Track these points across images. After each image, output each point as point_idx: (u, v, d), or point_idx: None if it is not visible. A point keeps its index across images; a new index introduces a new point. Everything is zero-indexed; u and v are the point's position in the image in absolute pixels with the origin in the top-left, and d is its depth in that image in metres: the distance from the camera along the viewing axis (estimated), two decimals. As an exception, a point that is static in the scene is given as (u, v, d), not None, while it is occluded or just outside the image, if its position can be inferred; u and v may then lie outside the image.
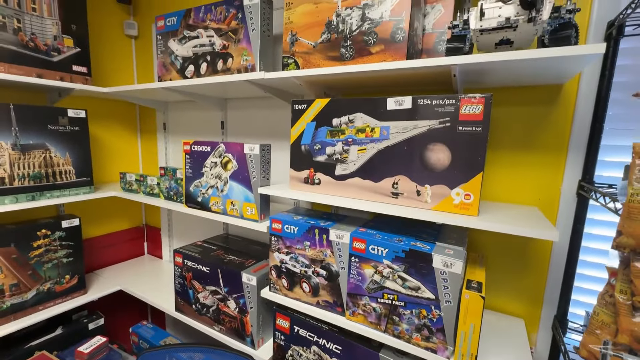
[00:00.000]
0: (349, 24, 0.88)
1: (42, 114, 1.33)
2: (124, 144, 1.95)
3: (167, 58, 1.36)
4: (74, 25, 1.39)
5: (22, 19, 1.24)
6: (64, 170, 1.42)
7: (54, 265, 1.44)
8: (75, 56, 1.41)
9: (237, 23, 1.16)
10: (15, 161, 1.27)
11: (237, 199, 1.17)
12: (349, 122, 0.93)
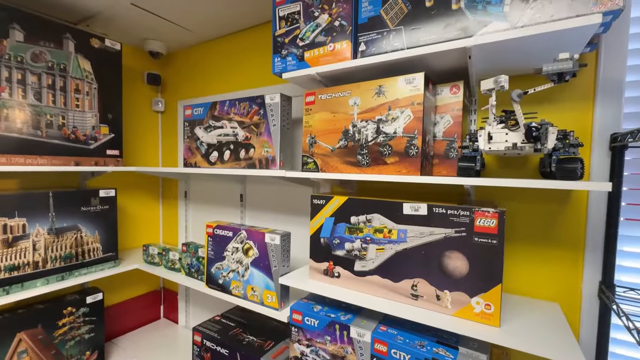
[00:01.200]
0: (364, 135, 0.95)
1: (77, 197, 1.43)
2: (145, 210, 2.04)
3: (193, 143, 1.47)
4: (110, 114, 1.53)
5: (67, 115, 1.38)
6: (92, 248, 1.49)
7: (76, 343, 1.47)
8: (110, 141, 1.53)
9: (259, 118, 1.26)
10: (50, 244, 1.35)
11: (258, 286, 1.20)
12: (366, 221, 0.98)
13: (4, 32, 1.20)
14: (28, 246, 1.28)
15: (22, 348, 1.31)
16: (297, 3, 1.05)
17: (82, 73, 1.42)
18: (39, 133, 1.30)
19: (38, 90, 1.30)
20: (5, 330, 1.26)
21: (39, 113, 1.30)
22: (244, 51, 1.66)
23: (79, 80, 1.41)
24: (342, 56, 0.98)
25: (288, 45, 1.08)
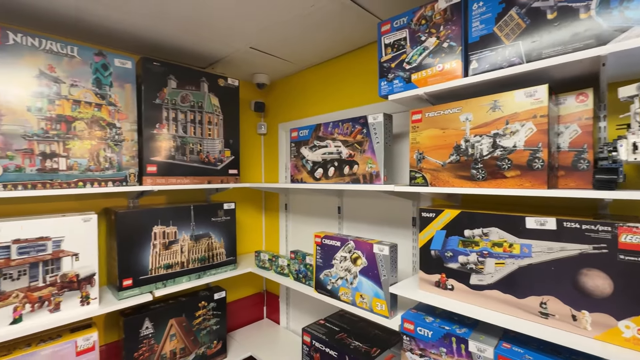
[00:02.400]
0: (479, 149, 0.97)
1: (208, 209, 1.72)
2: (251, 220, 2.32)
3: (299, 161, 1.65)
4: (231, 139, 1.82)
5: (202, 143, 1.70)
6: (219, 252, 1.77)
7: (207, 332, 1.75)
8: (231, 162, 1.82)
9: (362, 137, 1.37)
10: (191, 248, 1.65)
11: (367, 293, 1.28)
12: (483, 235, 0.98)
13: (164, 83, 1.56)
14: (178, 249, 1.60)
15: (173, 332, 1.62)
16: (403, 30, 1.13)
17: (212, 108, 1.73)
18: (185, 158, 1.63)
19: (184, 125, 1.63)
20: (162, 316, 1.58)
21: (184, 142, 1.63)
22: (340, 75, 1.81)
23: (211, 114, 1.73)
24: (451, 75, 1.02)
25: (394, 70, 1.17)
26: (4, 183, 1.15)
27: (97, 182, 1.36)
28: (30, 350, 1.21)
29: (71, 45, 1.29)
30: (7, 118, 1.16)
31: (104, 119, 1.38)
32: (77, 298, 1.30)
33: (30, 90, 1.20)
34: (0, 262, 1.13)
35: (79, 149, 1.31)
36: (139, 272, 1.47)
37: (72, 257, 1.29)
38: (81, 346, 1.31)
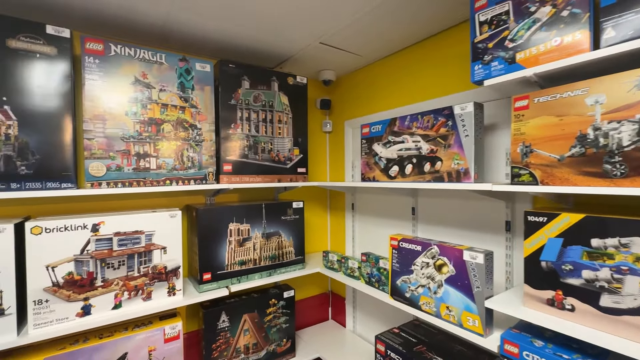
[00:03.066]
0: (615, 139, 0.77)
1: (278, 208, 1.73)
2: (316, 219, 2.30)
3: (371, 159, 1.56)
4: (300, 138, 1.81)
5: (273, 142, 1.71)
6: (288, 251, 1.77)
7: (277, 330, 1.76)
8: (300, 161, 1.80)
9: (447, 130, 1.23)
10: (263, 246, 1.67)
11: (455, 306, 1.14)
12: (620, 246, 0.78)
13: (238, 84, 1.60)
14: (251, 246, 1.63)
15: (246, 327, 1.65)
16: (505, 3, 0.97)
17: (282, 106, 1.74)
18: (257, 157, 1.66)
19: (256, 124, 1.66)
20: (237, 311, 1.63)
21: (257, 141, 1.66)
22: (415, 65, 1.67)
23: (280, 113, 1.73)
24: (574, 49, 0.84)
25: (493, 50, 1.01)
26: (107, 181, 1.27)
27: (182, 180, 1.44)
28: (128, 334, 1.32)
29: (160, 53, 1.38)
30: (110, 122, 1.28)
31: (187, 120, 1.45)
32: (165, 289, 1.39)
33: (127, 96, 1.31)
34: (105, 253, 1.25)
35: (166, 150, 1.40)
36: (216, 267, 1.53)
37: (161, 250, 1.38)
38: (168, 334, 1.40)
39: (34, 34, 1.13)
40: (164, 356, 1.39)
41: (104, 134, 1.26)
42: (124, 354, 1.30)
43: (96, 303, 1.23)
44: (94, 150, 1.24)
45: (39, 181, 1.14)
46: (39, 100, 1.14)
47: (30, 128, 1.12)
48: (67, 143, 1.19)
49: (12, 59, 1.09)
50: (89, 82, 1.23)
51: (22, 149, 1.11)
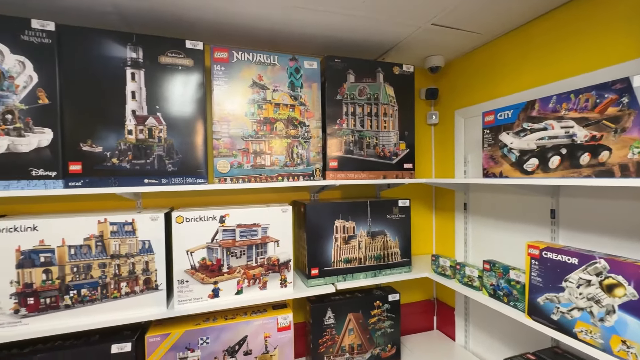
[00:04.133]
0: None
1: (384, 206, 1.64)
2: (420, 219, 2.12)
3: (496, 151, 1.34)
4: (406, 131, 1.68)
5: (378, 136, 1.63)
6: (394, 252, 1.66)
7: (382, 334, 1.68)
8: (406, 156, 1.68)
9: (620, 109, 0.94)
10: (367, 245, 1.61)
11: (637, 341, 0.86)
12: None
13: (344, 78, 1.57)
14: (356, 244, 1.59)
15: (351, 327, 1.62)
16: None
17: (388, 99, 1.64)
18: (362, 153, 1.60)
19: (361, 118, 1.60)
20: (342, 309, 1.61)
21: (362, 136, 1.60)
22: (555, 33, 1.36)
23: (386, 105, 1.64)
24: None
25: None
26: (231, 177, 1.39)
27: (292, 176, 1.48)
28: (247, 319, 1.43)
29: (273, 55, 1.44)
30: (233, 123, 1.39)
31: (296, 118, 1.49)
32: (278, 280, 1.45)
33: (246, 98, 1.41)
34: (229, 242, 1.37)
35: (279, 147, 1.46)
36: (323, 263, 1.53)
37: (275, 243, 1.44)
38: (281, 323, 1.46)
39: (177, 49, 1.30)
40: (277, 344, 1.45)
41: (229, 134, 1.38)
42: (245, 337, 1.41)
43: (223, 287, 1.36)
44: (220, 149, 1.37)
45: (180, 177, 1.31)
46: (180, 107, 1.31)
47: (174, 131, 1.30)
48: (200, 143, 1.34)
49: (162, 73, 1.28)
50: (217, 87, 1.36)
51: (169, 149, 1.30)
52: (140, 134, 1.26)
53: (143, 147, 1.26)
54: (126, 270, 1.23)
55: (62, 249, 1.16)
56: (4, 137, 1.10)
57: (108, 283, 1.21)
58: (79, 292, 1.18)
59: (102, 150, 1.21)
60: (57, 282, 1.16)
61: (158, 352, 1.29)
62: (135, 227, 1.24)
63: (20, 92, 1.12)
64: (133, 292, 1.24)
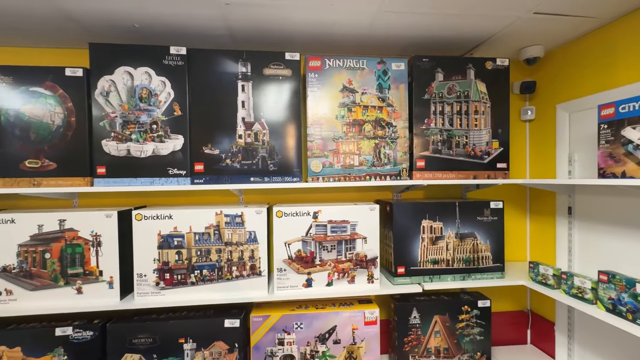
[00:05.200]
0: None
1: (474, 207, 1.58)
2: (511, 223, 1.97)
3: (618, 148, 1.19)
4: (500, 129, 1.59)
5: (468, 135, 1.57)
6: (484, 256, 1.59)
7: (470, 340, 1.61)
8: (499, 155, 1.59)
9: None
10: (456, 247, 1.57)
11: None
12: None
13: (432, 77, 1.55)
14: (443, 246, 1.56)
15: (437, 329, 1.59)
16: None
17: (479, 95, 1.57)
18: (450, 152, 1.57)
19: (450, 117, 1.57)
20: (427, 310, 1.59)
21: (450, 136, 1.57)
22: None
23: (477, 102, 1.57)
24: None
25: None
26: (323, 176, 1.49)
27: (379, 176, 1.52)
28: (335, 310, 1.51)
29: (362, 59, 1.51)
30: (325, 126, 1.49)
31: (384, 119, 1.53)
32: (365, 276, 1.51)
33: (337, 102, 1.50)
34: (321, 237, 1.47)
35: (367, 148, 1.52)
36: (409, 263, 1.54)
37: (362, 240, 1.50)
38: (368, 318, 1.52)
39: (278, 61, 1.45)
40: (364, 337, 1.51)
41: (321, 136, 1.49)
42: (334, 327, 1.50)
43: (316, 278, 1.47)
44: (314, 151, 1.49)
45: (280, 176, 1.46)
46: (279, 112, 1.45)
47: (275, 134, 1.45)
48: (296, 145, 1.47)
49: (266, 83, 1.44)
50: (311, 93, 1.48)
51: (271, 151, 1.45)
52: (248, 138, 1.43)
53: (250, 150, 1.44)
54: (236, 256, 1.42)
55: (189, 235, 1.39)
56: (150, 142, 1.37)
57: (222, 266, 1.41)
58: (201, 272, 1.40)
59: (219, 153, 1.42)
60: (186, 262, 1.39)
61: (260, 330, 1.46)
62: (244, 219, 1.43)
63: (162, 106, 1.38)
64: (242, 275, 1.43)
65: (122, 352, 1.37)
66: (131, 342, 1.37)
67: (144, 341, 1.38)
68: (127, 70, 1.35)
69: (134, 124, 1.36)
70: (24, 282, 1.33)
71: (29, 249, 1.33)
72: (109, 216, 1.36)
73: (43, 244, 1.33)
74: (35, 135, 1.32)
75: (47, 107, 1.32)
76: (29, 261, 1.33)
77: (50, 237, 1.33)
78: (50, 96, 1.32)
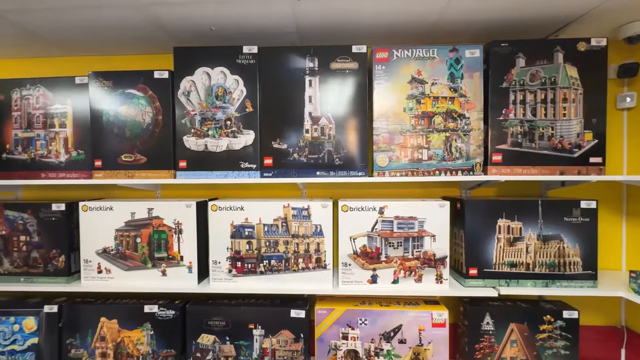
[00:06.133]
0: None
1: (559, 206, 1.41)
2: (602, 226, 1.72)
3: None
4: (594, 118, 1.40)
5: (555, 126, 1.41)
6: (572, 261, 1.41)
7: (553, 354, 1.45)
8: (593, 148, 1.40)
9: None
10: (538, 250, 1.42)
11: None
12: None
13: (512, 63, 1.42)
14: (523, 248, 1.42)
15: (514, 338, 1.47)
16: None
17: (568, 81, 1.40)
18: (533, 145, 1.42)
19: (533, 107, 1.42)
20: (503, 316, 1.47)
21: (533, 127, 1.42)
22: None
23: (566, 89, 1.40)
24: None
25: None
26: (389, 170, 1.45)
27: (449, 171, 1.44)
28: (401, 309, 1.47)
29: (432, 48, 1.43)
30: (392, 119, 1.45)
31: (455, 110, 1.44)
32: (433, 275, 1.44)
33: (404, 93, 1.44)
34: (387, 233, 1.44)
35: (436, 141, 1.44)
36: (483, 264, 1.44)
37: (431, 238, 1.44)
38: (435, 319, 1.45)
39: (345, 55, 1.44)
40: (431, 339, 1.45)
41: (387, 130, 1.45)
42: (399, 326, 1.45)
43: (381, 274, 1.44)
44: (379, 145, 1.45)
45: (345, 170, 1.46)
46: (345, 106, 1.44)
47: (341, 129, 1.45)
48: (362, 139, 1.45)
49: (332, 77, 1.44)
50: (378, 86, 1.44)
51: (337, 145, 1.45)
52: (315, 132, 1.45)
53: (316, 144, 1.45)
54: (303, 248, 1.45)
55: (259, 226, 1.45)
56: (225, 138, 1.46)
57: (289, 257, 1.45)
58: (269, 262, 1.46)
59: (286, 147, 1.46)
60: (255, 252, 1.46)
61: (324, 323, 1.47)
62: (310, 213, 1.45)
63: (235, 103, 1.46)
64: (307, 267, 1.45)
65: (199, 332, 1.48)
66: (207, 324, 1.48)
67: (218, 324, 1.47)
68: (205, 70, 1.45)
69: (211, 120, 1.46)
70: (120, 263, 1.50)
71: (123, 233, 1.49)
72: (188, 206, 1.48)
73: (135, 230, 1.49)
74: (130, 132, 1.48)
75: (139, 107, 1.47)
76: (123, 244, 1.50)
77: (140, 224, 1.49)
78: (141, 97, 1.47)
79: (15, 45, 1.69)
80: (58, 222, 1.51)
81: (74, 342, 1.51)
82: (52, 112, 1.53)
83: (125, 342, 1.49)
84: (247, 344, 1.47)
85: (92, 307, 1.52)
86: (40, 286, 1.50)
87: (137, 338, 1.49)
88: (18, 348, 1.52)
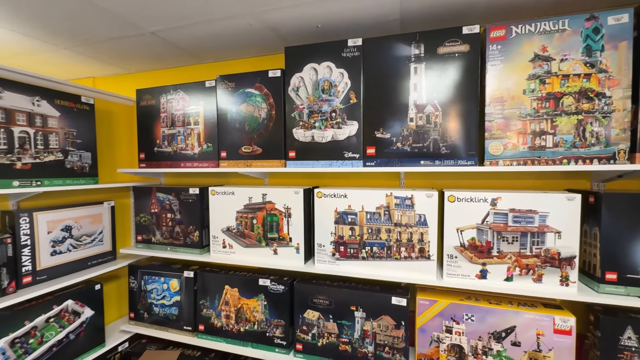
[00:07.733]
0: None
1: None
2: None
3: None
4: None
5: None
6: None
7: None
8: None
9: None
10: None
11: None
12: None
13: (677, 26, 1.15)
14: (686, 253, 1.16)
15: None
16: None
17: None
18: None
19: None
20: None
21: None
22: None
23: None
24: None
25: None
26: (504, 159, 1.34)
27: (582, 159, 1.26)
28: (515, 309, 1.36)
29: (562, 19, 1.25)
30: (508, 103, 1.33)
31: (592, 89, 1.24)
32: (557, 276, 1.29)
33: (525, 74, 1.30)
34: (501, 226, 1.34)
35: (565, 125, 1.27)
36: (625, 269, 1.23)
37: (555, 235, 1.28)
38: (558, 325, 1.30)
39: (455, 37, 1.37)
40: (552, 346, 1.30)
41: (502, 115, 1.33)
42: (512, 327, 1.35)
43: (491, 270, 1.35)
44: (493, 131, 1.35)
45: (452, 159, 1.40)
46: (454, 92, 1.38)
47: (448, 116, 1.39)
48: (472, 126, 1.36)
49: (440, 63, 1.39)
50: (492, 67, 1.33)
51: (443, 133, 1.40)
52: (420, 120, 1.42)
53: (421, 132, 1.43)
54: (405, 237, 1.45)
55: (361, 214, 1.51)
56: (330, 129, 1.54)
57: (392, 245, 1.47)
58: (371, 249, 1.50)
59: (390, 136, 1.47)
60: (358, 238, 1.52)
61: (426, 314, 1.46)
62: (413, 202, 1.44)
63: (340, 95, 1.52)
64: (410, 257, 1.45)
65: (306, 308, 1.62)
66: (312, 301, 1.61)
67: (322, 302, 1.59)
68: (312, 66, 1.55)
69: (317, 113, 1.55)
70: (239, 240, 1.74)
71: (243, 214, 1.72)
72: (296, 193, 1.62)
73: (252, 212, 1.70)
74: (249, 126, 1.68)
75: (256, 104, 1.66)
76: (242, 224, 1.72)
77: (256, 207, 1.69)
78: (258, 95, 1.65)
79: (162, 58, 2.07)
80: (193, 204, 1.81)
81: (205, 304, 1.81)
82: (188, 112, 1.84)
83: (244, 308, 1.73)
84: (349, 324, 1.55)
85: (219, 276, 1.80)
86: (181, 255, 1.84)
87: (253, 306, 1.72)
88: (166, 302, 1.90)
